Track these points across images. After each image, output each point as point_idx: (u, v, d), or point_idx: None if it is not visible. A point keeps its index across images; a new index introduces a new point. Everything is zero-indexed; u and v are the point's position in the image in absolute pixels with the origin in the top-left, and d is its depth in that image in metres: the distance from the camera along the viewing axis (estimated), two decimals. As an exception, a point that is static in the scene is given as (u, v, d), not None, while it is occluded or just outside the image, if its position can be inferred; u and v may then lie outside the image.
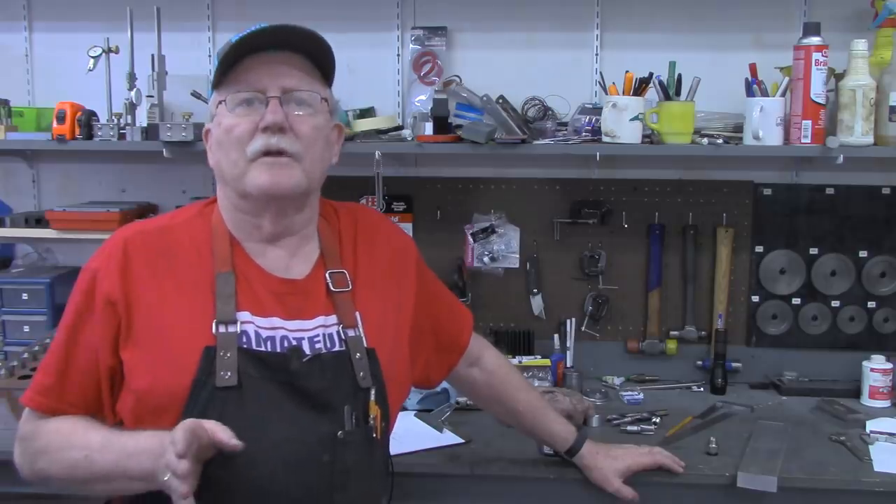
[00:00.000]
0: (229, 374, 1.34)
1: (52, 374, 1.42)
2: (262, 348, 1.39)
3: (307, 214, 1.49)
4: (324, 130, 1.44)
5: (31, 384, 1.44)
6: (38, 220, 2.53)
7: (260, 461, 1.33)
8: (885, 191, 2.57)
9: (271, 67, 1.39)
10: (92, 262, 1.43)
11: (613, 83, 2.33)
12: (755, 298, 2.62)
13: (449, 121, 2.37)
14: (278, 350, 1.39)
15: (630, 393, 2.45)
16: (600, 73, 2.55)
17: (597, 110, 2.39)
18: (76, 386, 1.41)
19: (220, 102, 1.41)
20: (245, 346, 1.37)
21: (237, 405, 1.34)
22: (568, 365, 2.58)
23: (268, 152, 1.37)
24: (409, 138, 2.42)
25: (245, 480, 1.33)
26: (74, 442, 1.37)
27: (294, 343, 1.40)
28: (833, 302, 2.61)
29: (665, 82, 2.30)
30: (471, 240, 2.60)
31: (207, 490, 1.31)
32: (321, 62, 1.44)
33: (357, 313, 1.47)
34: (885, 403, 2.37)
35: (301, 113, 1.40)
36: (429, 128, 2.40)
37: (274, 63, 1.39)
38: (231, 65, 1.39)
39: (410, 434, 2.04)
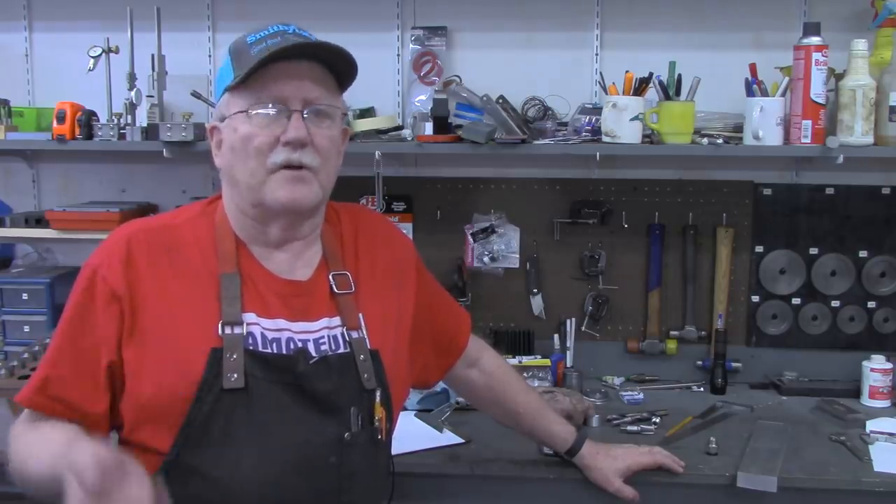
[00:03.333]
0: (236, 375, 1.33)
1: (48, 371, 1.38)
2: (268, 350, 1.38)
3: (316, 221, 1.48)
4: (338, 141, 1.44)
5: (27, 382, 1.41)
6: (38, 220, 2.53)
7: (267, 463, 1.33)
8: (885, 191, 2.57)
9: (294, 79, 1.36)
10: (93, 257, 1.41)
11: (613, 83, 2.33)
12: (755, 298, 2.62)
13: (449, 121, 2.37)
14: (284, 352, 1.39)
15: (630, 393, 2.45)
16: (600, 73, 2.55)
17: (597, 110, 2.39)
18: (73, 383, 1.37)
19: (238, 112, 1.38)
20: (251, 347, 1.37)
21: (244, 407, 1.34)
22: (568, 365, 2.58)
23: (288, 165, 1.36)
24: (409, 138, 2.42)
25: (252, 482, 1.33)
26: (40, 447, 1.32)
27: (300, 345, 1.40)
28: (833, 302, 2.60)
29: (665, 82, 2.30)
30: (471, 240, 2.60)
31: (215, 492, 1.32)
32: (339, 71, 1.42)
33: (360, 315, 1.47)
34: (885, 403, 2.37)
35: (321, 126, 1.39)
36: (429, 128, 2.40)
37: (296, 74, 1.37)
38: (252, 71, 1.36)
39: (410, 434, 2.04)
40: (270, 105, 1.36)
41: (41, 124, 2.59)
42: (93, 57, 2.42)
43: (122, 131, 2.38)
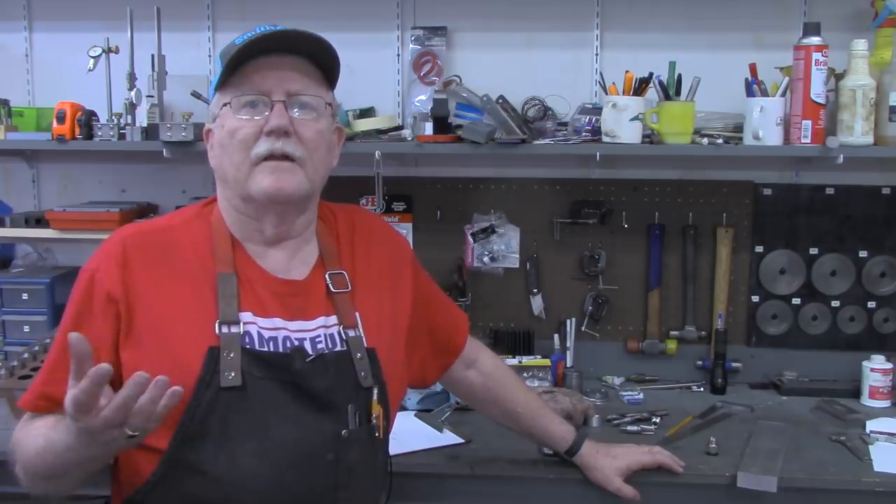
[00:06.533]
0: (233, 374, 1.34)
1: (49, 376, 1.40)
2: (265, 348, 1.39)
3: (308, 217, 1.49)
4: (326, 135, 1.45)
5: (29, 387, 1.43)
6: (38, 220, 2.53)
7: (265, 460, 1.34)
8: (885, 191, 2.57)
9: (277, 71, 1.39)
10: (90, 262, 1.43)
11: (613, 83, 2.32)
12: (755, 298, 2.62)
13: (449, 121, 2.37)
14: (281, 350, 1.40)
15: (630, 393, 2.45)
16: (600, 73, 2.55)
17: (597, 110, 2.39)
18: None
19: (224, 105, 1.41)
20: (248, 346, 1.38)
21: (242, 405, 1.34)
22: (568, 365, 2.57)
23: (272, 156, 1.37)
24: (409, 138, 2.42)
25: (250, 479, 1.33)
26: (37, 432, 1.34)
27: (296, 343, 1.41)
28: (833, 302, 2.60)
29: (665, 82, 2.30)
30: (471, 240, 2.60)
31: (213, 489, 1.32)
32: (326, 66, 1.44)
33: (356, 314, 1.47)
34: (885, 403, 2.37)
35: (305, 117, 1.40)
36: (429, 128, 2.40)
37: (279, 66, 1.39)
38: (237, 66, 1.39)
39: (410, 434, 2.04)
40: (252, 95, 1.38)
41: (41, 124, 2.59)
42: (93, 57, 2.42)
43: (122, 131, 2.38)
